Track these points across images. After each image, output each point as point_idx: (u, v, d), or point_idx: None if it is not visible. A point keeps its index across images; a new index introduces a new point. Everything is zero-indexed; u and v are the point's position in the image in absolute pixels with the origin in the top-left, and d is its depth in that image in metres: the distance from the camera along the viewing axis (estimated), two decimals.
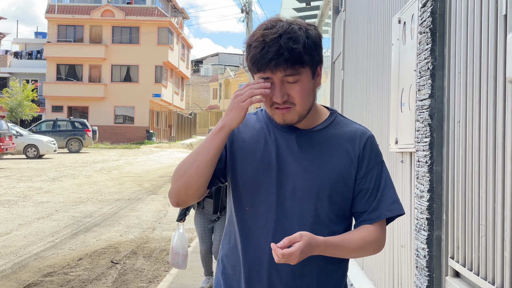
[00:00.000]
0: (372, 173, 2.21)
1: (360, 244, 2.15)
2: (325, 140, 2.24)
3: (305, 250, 2.01)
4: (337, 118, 2.31)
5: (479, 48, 2.29)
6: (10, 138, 26.97)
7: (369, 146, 2.23)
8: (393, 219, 2.24)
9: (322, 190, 2.16)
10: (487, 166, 2.21)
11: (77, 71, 54.46)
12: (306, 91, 2.14)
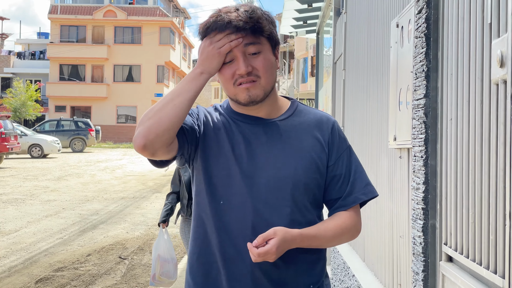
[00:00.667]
0: (342, 158, 2.23)
1: (336, 232, 2.15)
2: (292, 128, 2.24)
3: (280, 245, 2.01)
4: (299, 106, 2.33)
5: (468, 52, 2.53)
6: (15, 138, 27.24)
7: (336, 131, 2.26)
8: (366, 202, 2.27)
9: (297, 178, 2.16)
10: (475, 159, 2.44)
11: (80, 71, 54.74)
12: (269, 63, 2.16)
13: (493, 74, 2.18)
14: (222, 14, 2.09)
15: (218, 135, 2.22)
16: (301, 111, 2.30)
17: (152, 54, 53.90)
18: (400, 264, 3.90)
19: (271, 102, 2.23)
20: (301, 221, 2.15)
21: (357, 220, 2.18)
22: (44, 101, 53.26)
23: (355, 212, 2.19)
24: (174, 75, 59.17)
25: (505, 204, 2.09)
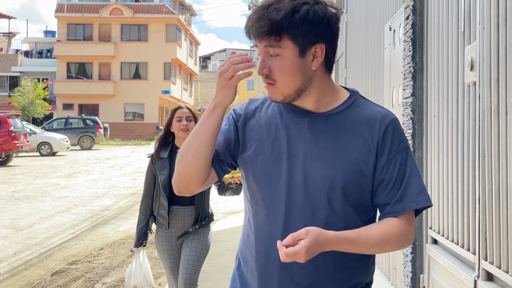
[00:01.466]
0: (395, 161, 1.97)
1: (380, 239, 1.95)
2: (341, 125, 2.04)
3: (311, 247, 1.86)
4: (358, 100, 2.08)
5: (447, 56, 2.83)
6: (25, 136, 27.57)
7: (391, 131, 2.00)
8: (421, 211, 2.02)
9: (336, 180, 1.99)
10: (453, 152, 2.75)
11: (87, 69, 55.09)
12: (288, 68, 1.98)
13: (466, 77, 2.48)
14: (252, 14, 1.99)
15: (259, 133, 2.14)
16: (358, 106, 2.06)
17: (158, 51, 54.26)
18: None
19: (319, 94, 2.03)
20: (338, 226, 1.99)
21: (408, 229, 1.93)
22: (52, 99, 53.71)
23: (406, 220, 1.95)
24: (180, 72, 59.53)
25: (475, 190, 2.39)
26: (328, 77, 2.02)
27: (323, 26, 1.92)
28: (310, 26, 1.91)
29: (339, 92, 2.06)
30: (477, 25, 2.33)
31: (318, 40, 1.92)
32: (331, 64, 1.99)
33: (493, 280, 2.30)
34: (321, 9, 1.92)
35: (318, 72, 1.98)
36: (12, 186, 18.08)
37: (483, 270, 2.32)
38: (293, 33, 1.92)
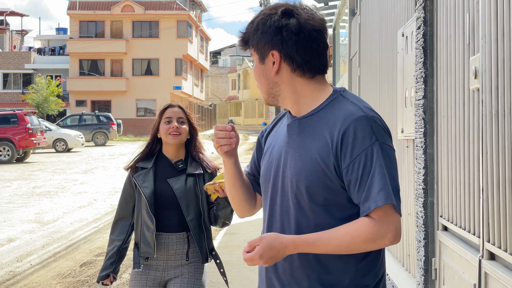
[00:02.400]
0: (359, 160, 1.96)
1: (345, 240, 1.95)
2: (310, 126, 2.09)
3: (265, 253, 1.95)
4: (334, 100, 2.09)
5: (454, 64, 3.20)
6: (42, 133, 28.05)
7: (352, 131, 1.97)
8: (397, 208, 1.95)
9: (300, 180, 2.05)
10: (461, 148, 3.12)
11: (99, 66, 55.55)
12: (256, 74, 2.19)
13: (470, 84, 2.85)
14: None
15: (270, 141, 2.28)
16: (333, 106, 2.08)
17: (170, 47, 54.66)
18: (408, 238, 4.57)
19: (295, 97, 2.13)
20: (308, 225, 2.05)
21: (378, 227, 1.92)
22: (65, 96, 54.21)
23: (378, 218, 1.93)
24: (192, 68, 59.96)
25: (479, 182, 2.77)
26: (304, 81, 2.10)
27: (272, 35, 2.08)
28: (261, 35, 2.10)
29: (321, 93, 2.11)
30: (480, 39, 2.70)
31: (270, 47, 2.09)
32: (300, 68, 2.08)
33: (495, 259, 2.68)
34: (272, 20, 2.09)
35: (283, 77, 2.10)
36: (32, 182, 18.56)
37: (487, 251, 2.70)
38: (251, 42, 2.15)
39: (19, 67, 56.96)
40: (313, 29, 2.07)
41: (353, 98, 2.09)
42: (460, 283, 3.10)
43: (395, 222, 1.93)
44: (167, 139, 3.65)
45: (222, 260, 7.68)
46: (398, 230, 1.94)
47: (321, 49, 2.10)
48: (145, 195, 3.58)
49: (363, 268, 2.04)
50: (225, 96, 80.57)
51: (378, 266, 2.08)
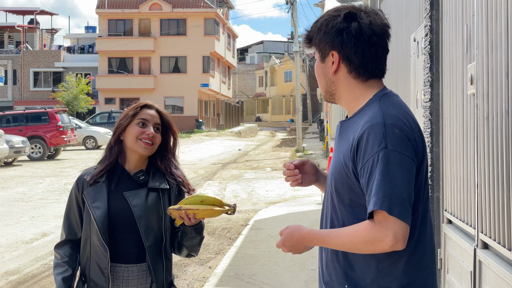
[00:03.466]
0: (367, 166, 2.03)
1: (346, 239, 2.06)
2: (346, 129, 2.20)
3: (286, 241, 2.16)
4: (370, 104, 2.15)
5: (455, 70, 3.48)
6: (72, 130, 28.64)
7: (365, 137, 2.05)
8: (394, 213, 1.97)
9: (332, 180, 2.19)
10: (461, 147, 3.40)
11: (128, 64, 56.20)
12: (316, 71, 2.31)
13: (468, 89, 3.13)
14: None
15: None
16: (365, 111, 2.15)
17: (197, 45, 55.07)
18: None
19: (347, 99, 2.24)
20: (337, 222, 2.18)
21: (376, 230, 1.99)
22: (94, 94, 54.92)
23: (377, 221, 2.00)
24: (219, 65, 60.34)
25: (475, 179, 3.05)
26: (356, 83, 2.19)
27: (332, 36, 2.17)
28: (323, 35, 2.20)
29: (366, 97, 2.18)
30: (475, 49, 2.98)
31: (330, 47, 2.19)
32: (356, 71, 2.17)
33: (488, 248, 2.96)
34: (335, 21, 2.17)
35: (340, 77, 2.20)
36: (64, 179, 19.04)
37: (481, 241, 2.99)
38: (314, 41, 2.25)
39: (49, 66, 57.89)
40: (373, 33, 2.14)
41: (385, 103, 2.13)
42: (461, 271, 3.39)
43: (394, 228, 1.96)
44: (136, 146, 2.90)
45: (248, 253, 7.96)
46: (399, 236, 1.96)
47: (379, 54, 2.18)
48: (95, 219, 2.83)
49: (384, 269, 2.09)
50: (252, 93, 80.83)
51: (402, 271, 2.09)
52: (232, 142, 39.13)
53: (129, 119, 2.93)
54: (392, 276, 2.08)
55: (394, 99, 2.18)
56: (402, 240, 1.98)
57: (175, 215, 2.71)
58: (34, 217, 12.20)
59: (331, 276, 2.21)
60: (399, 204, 1.96)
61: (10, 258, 8.76)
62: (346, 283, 2.15)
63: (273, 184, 17.48)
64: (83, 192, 2.90)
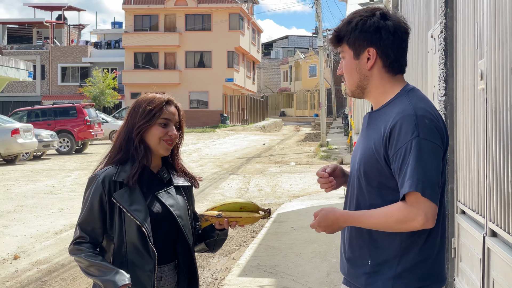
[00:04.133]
0: (400, 152, 2.22)
1: (380, 219, 2.26)
2: (375, 119, 2.40)
3: (321, 222, 2.37)
4: (399, 98, 2.36)
5: (468, 66, 3.62)
6: (99, 125, 29.02)
7: (398, 126, 2.24)
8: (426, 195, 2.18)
9: (361, 165, 2.38)
10: (472, 140, 3.54)
11: (153, 59, 56.60)
12: (347, 68, 2.46)
13: (478, 84, 3.28)
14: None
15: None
16: (394, 104, 2.36)
17: (222, 40, 55.28)
18: None
19: (376, 92, 2.43)
20: (364, 204, 2.37)
21: (409, 210, 2.19)
22: (120, 89, 55.39)
23: (409, 203, 2.20)
24: (243, 60, 60.51)
25: (484, 170, 3.19)
26: (388, 77, 2.40)
27: (371, 34, 2.36)
28: (360, 34, 2.38)
29: (393, 90, 2.39)
30: (485, 46, 3.13)
31: (368, 45, 2.38)
32: (390, 65, 2.38)
33: (496, 236, 3.11)
34: (372, 20, 2.36)
35: (374, 72, 2.40)
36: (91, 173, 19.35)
37: (489, 229, 3.14)
38: (347, 40, 2.42)
39: (76, 61, 58.54)
40: (405, 31, 2.39)
41: (413, 97, 2.35)
42: (472, 258, 3.54)
43: (425, 209, 2.18)
44: (159, 147, 2.80)
45: (270, 245, 8.11)
46: (429, 216, 2.18)
47: (406, 50, 2.43)
48: (140, 223, 2.67)
49: (406, 247, 2.31)
50: (277, 87, 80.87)
51: (420, 248, 2.31)
52: (256, 136, 39.30)
53: (152, 119, 2.78)
54: (412, 253, 2.30)
55: (419, 94, 2.41)
56: (432, 219, 2.20)
57: (214, 221, 2.67)
58: (63, 209, 12.50)
59: (355, 253, 2.42)
60: (430, 187, 2.18)
61: (41, 248, 9.05)
62: (369, 258, 2.37)
63: (296, 178, 17.63)
64: (112, 195, 2.69)
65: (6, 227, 10.50)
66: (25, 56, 52.84)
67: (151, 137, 2.77)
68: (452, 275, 4.04)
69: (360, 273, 2.40)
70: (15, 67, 31.72)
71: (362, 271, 2.39)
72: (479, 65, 3.23)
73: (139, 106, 2.80)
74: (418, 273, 2.32)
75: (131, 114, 2.81)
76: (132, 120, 2.79)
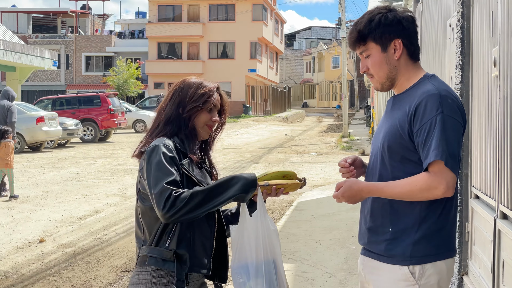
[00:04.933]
0: (425, 128, 2.42)
1: (405, 188, 2.45)
2: (400, 101, 2.60)
3: (346, 192, 2.52)
4: (422, 82, 2.57)
5: (483, 54, 3.70)
6: (122, 114, 29.28)
7: (423, 104, 2.45)
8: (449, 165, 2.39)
9: (385, 141, 2.56)
10: (486, 126, 3.63)
11: (177, 49, 56.84)
12: (376, 63, 2.62)
13: (492, 71, 3.36)
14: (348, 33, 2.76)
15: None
16: (418, 87, 2.56)
17: (245, 30, 55.35)
18: None
19: (402, 82, 2.62)
20: (387, 177, 2.55)
21: (432, 179, 2.38)
22: (144, 79, 55.75)
23: (433, 173, 2.39)
24: (267, 51, 60.55)
25: (496, 154, 3.28)
26: (411, 64, 2.63)
27: (395, 26, 2.58)
28: (384, 28, 2.58)
29: (416, 75, 2.61)
30: (497, 34, 3.21)
31: (393, 37, 2.58)
32: (413, 53, 2.61)
33: (507, 218, 3.20)
34: (391, 14, 2.58)
35: (401, 61, 2.61)
36: (115, 160, 19.63)
37: (500, 212, 3.24)
38: (373, 36, 2.60)
39: (100, 50, 58.99)
40: (415, 21, 2.65)
41: (435, 81, 2.58)
42: (484, 241, 3.64)
43: (447, 178, 2.41)
44: (202, 131, 2.87)
45: (290, 232, 8.23)
46: (450, 184, 2.41)
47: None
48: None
49: (425, 216, 2.51)
50: (300, 78, 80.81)
51: (437, 218, 2.51)
52: (278, 127, 39.38)
53: (205, 104, 2.82)
54: (430, 222, 2.51)
55: (440, 79, 2.65)
56: (452, 188, 2.43)
57: (262, 190, 2.71)
58: (87, 195, 12.73)
59: (376, 222, 2.60)
60: (452, 158, 2.41)
61: (65, 232, 9.26)
62: (390, 226, 2.56)
63: (318, 168, 17.72)
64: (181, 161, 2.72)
65: (32, 212, 10.74)
66: (49, 46, 53.32)
67: (198, 121, 2.82)
68: (466, 258, 4.13)
69: (380, 240, 2.58)
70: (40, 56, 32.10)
71: (383, 238, 2.57)
72: (493, 53, 3.32)
73: (188, 87, 2.85)
74: (434, 241, 2.51)
75: (178, 92, 2.85)
76: (179, 98, 2.83)
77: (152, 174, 2.61)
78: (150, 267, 2.69)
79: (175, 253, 2.66)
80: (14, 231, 9.26)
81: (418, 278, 2.50)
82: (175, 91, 2.85)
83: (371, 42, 2.60)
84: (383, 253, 2.57)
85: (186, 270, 2.67)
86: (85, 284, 6.61)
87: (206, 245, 2.74)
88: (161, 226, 2.68)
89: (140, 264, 2.74)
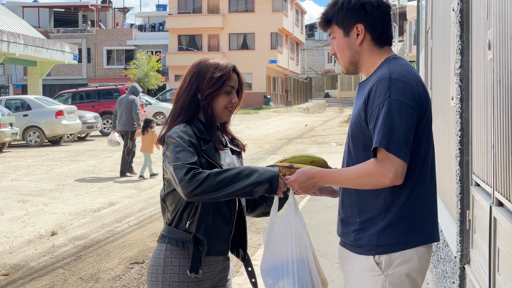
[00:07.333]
0: (375, 113, 2.38)
1: (353, 174, 2.43)
2: (362, 88, 2.58)
3: (298, 178, 2.56)
4: (382, 65, 2.53)
5: (481, 37, 3.61)
6: (142, 107, 29.34)
7: (375, 88, 2.42)
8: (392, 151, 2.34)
9: (350, 130, 2.57)
10: (483, 111, 3.54)
11: (197, 41, 56.90)
12: (339, 46, 2.62)
13: (487, 54, 3.27)
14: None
15: None
16: (377, 71, 2.53)
17: (265, 21, 55.20)
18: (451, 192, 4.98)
19: (367, 67, 2.59)
20: (352, 165, 2.53)
21: (379, 167, 2.35)
22: (164, 71, 55.89)
23: (380, 160, 2.36)
24: (287, 42, 60.39)
25: (492, 140, 3.20)
26: (376, 49, 2.59)
27: (357, 11, 2.55)
28: (347, 12, 2.56)
29: (380, 60, 2.56)
30: (491, 18, 3.12)
31: (355, 21, 2.56)
32: (377, 38, 2.56)
33: (502, 205, 3.12)
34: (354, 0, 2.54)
35: (363, 46, 2.58)
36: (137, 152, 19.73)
37: (496, 199, 3.15)
38: (335, 20, 2.60)
39: (121, 44, 59.24)
40: (387, 5, 2.58)
41: (393, 64, 2.51)
42: (482, 228, 3.55)
43: (395, 166, 2.34)
44: (223, 114, 2.86)
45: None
46: (399, 172, 2.35)
47: (390, 22, 2.60)
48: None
49: (389, 204, 2.46)
50: (321, 69, 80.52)
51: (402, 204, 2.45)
52: (299, 118, 39.27)
53: (222, 88, 2.81)
54: (394, 209, 2.46)
55: (401, 61, 2.55)
56: (401, 176, 2.36)
57: (285, 172, 2.67)
58: (103, 188, 12.78)
59: (346, 213, 2.58)
60: (396, 144, 2.33)
61: (78, 225, 9.29)
62: (358, 217, 2.53)
63: (336, 158, 17.58)
64: (202, 147, 2.74)
65: (46, 205, 10.81)
66: (71, 40, 53.68)
67: (216, 105, 2.82)
68: (467, 247, 4.05)
69: (350, 230, 2.56)
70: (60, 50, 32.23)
71: (352, 228, 2.55)
72: (488, 35, 3.23)
73: (205, 70, 2.83)
74: (401, 228, 2.45)
75: (195, 76, 2.84)
76: (197, 83, 2.83)
77: (172, 156, 2.62)
78: (166, 245, 2.77)
79: (194, 237, 2.71)
80: (27, 224, 9.32)
81: (384, 268, 2.46)
82: (191, 76, 2.84)
83: (335, 26, 2.61)
84: (353, 243, 2.55)
85: (204, 254, 2.73)
86: (93, 277, 6.62)
87: (225, 229, 2.78)
88: (182, 205, 2.73)
89: (160, 240, 2.82)
